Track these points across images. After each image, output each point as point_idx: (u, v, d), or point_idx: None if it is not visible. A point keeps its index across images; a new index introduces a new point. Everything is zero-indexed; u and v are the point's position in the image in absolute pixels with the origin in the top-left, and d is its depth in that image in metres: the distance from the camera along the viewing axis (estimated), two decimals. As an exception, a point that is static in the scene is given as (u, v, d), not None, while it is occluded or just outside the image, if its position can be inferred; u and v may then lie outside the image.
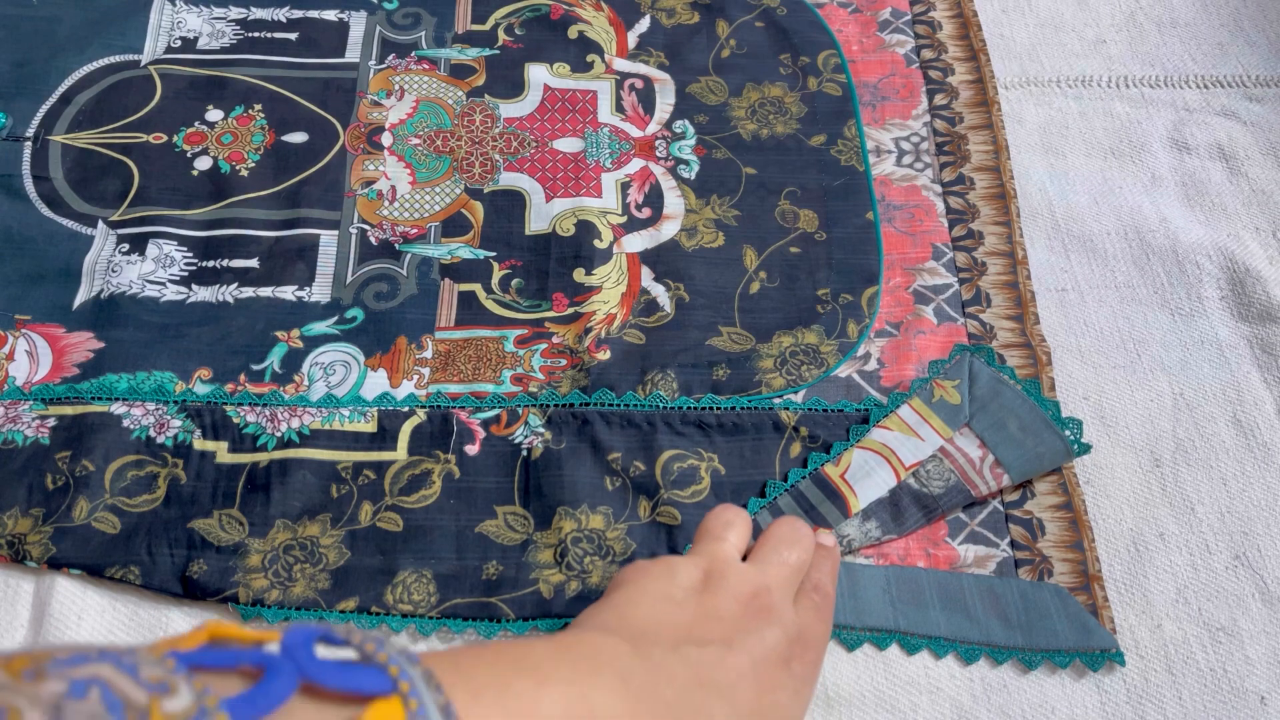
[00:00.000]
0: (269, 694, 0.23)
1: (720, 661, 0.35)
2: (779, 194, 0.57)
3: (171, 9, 0.63)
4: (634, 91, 0.61)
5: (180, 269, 0.54)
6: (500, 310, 0.53)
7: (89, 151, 0.57)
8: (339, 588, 0.45)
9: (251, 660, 0.24)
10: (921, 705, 0.43)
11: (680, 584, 0.37)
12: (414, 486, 0.47)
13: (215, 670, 0.23)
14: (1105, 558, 0.46)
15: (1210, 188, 0.58)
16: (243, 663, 0.24)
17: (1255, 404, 0.51)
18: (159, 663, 0.22)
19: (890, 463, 0.47)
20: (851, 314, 0.53)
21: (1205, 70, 0.63)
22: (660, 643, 0.34)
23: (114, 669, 0.20)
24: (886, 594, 0.45)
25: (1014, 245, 0.55)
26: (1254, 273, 0.54)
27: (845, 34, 0.64)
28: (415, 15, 0.64)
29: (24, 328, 0.51)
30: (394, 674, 0.25)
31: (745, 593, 0.37)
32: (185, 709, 0.21)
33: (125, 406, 0.49)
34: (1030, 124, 0.61)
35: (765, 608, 0.37)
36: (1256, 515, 0.48)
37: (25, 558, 0.45)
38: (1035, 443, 0.47)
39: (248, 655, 0.24)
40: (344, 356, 0.51)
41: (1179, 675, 0.44)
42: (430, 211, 0.56)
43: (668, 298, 0.54)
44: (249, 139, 0.58)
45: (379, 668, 0.25)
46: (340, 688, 0.24)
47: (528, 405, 0.50)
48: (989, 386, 0.49)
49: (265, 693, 0.23)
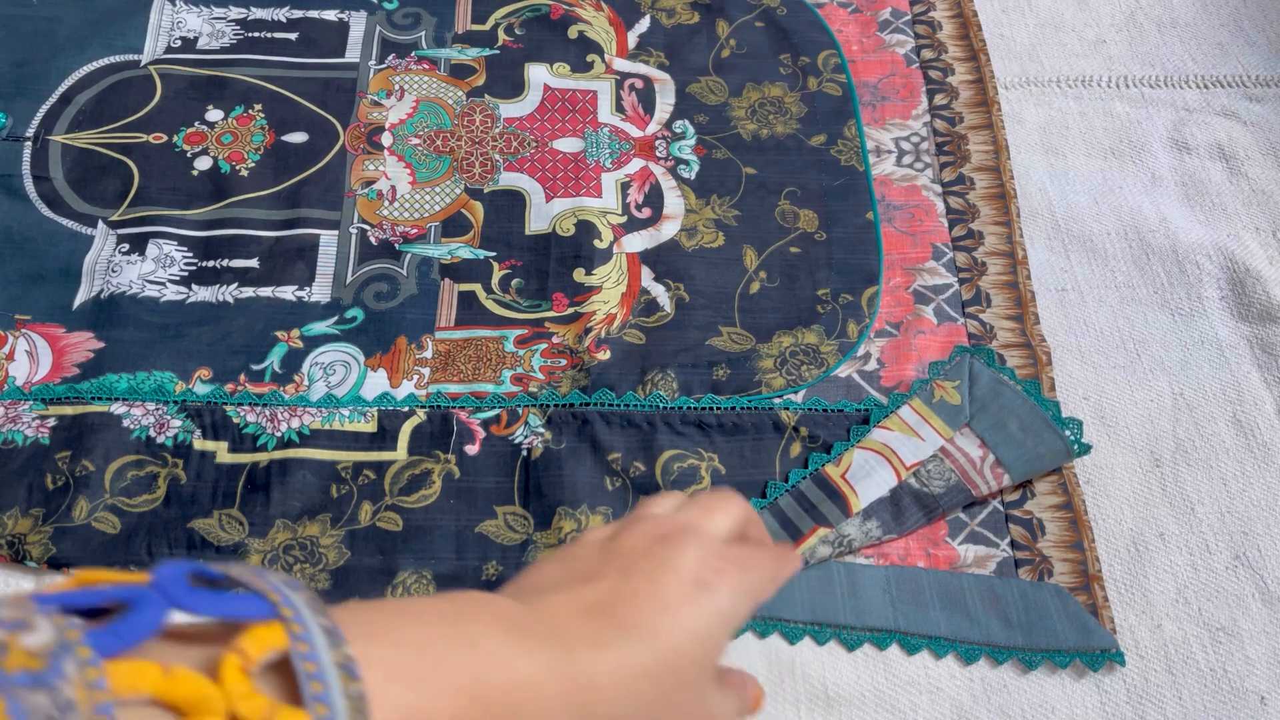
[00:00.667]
0: (136, 625, 0.22)
1: (614, 590, 0.33)
2: (779, 194, 0.57)
3: (171, 9, 0.63)
4: (634, 91, 0.61)
5: (180, 269, 0.54)
6: (500, 310, 0.53)
7: (89, 151, 0.57)
8: (339, 588, 0.45)
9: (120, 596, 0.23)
10: (921, 705, 0.43)
11: (586, 540, 0.36)
12: (414, 486, 0.47)
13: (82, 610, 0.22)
14: (1105, 558, 0.46)
15: (1210, 188, 0.58)
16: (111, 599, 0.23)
17: (1255, 404, 0.51)
18: (18, 604, 0.21)
19: (891, 463, 0.47)
20: (851, 314, 0.53)
21: (1205, 70, 0.63)
22: (545, 589, 0.33)
23: None
24: (887, 594, 0.45)
25: (1014, 245, 0.55)
26: (1254, 273, 0.54)
27: (845, 34, 0.64)
28: (415, 15, 0.64)
29: (24, 328, 0.51)
30: (274, 599, 0.24)
31: (656, 530, 0.35)
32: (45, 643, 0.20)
33: (125, 406, 0.49)
34: (1030, 124, 0.61)
35: (679, 533, 0.35)
36: (1256, 515, 0.48)
37: (25, 558, 0.45)
38: (1035, 443, 0.47)
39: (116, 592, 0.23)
40: (344, 356, 0.51)
41: (1179, 675, 0.44)
42: (430, 211, 0.56)
43: (668, 298, 0.54)
44: (249, 139, 0.58)
45: (258, 594, 0.24)
46: (215, 615, 0.23)
47: (528, 405, 0.50)
48: (989, 387, 0.48)
49: (132, 623, 0.22)
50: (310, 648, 0.23)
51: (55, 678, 0.20)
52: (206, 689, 0.22)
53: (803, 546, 0.45)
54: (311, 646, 0.23)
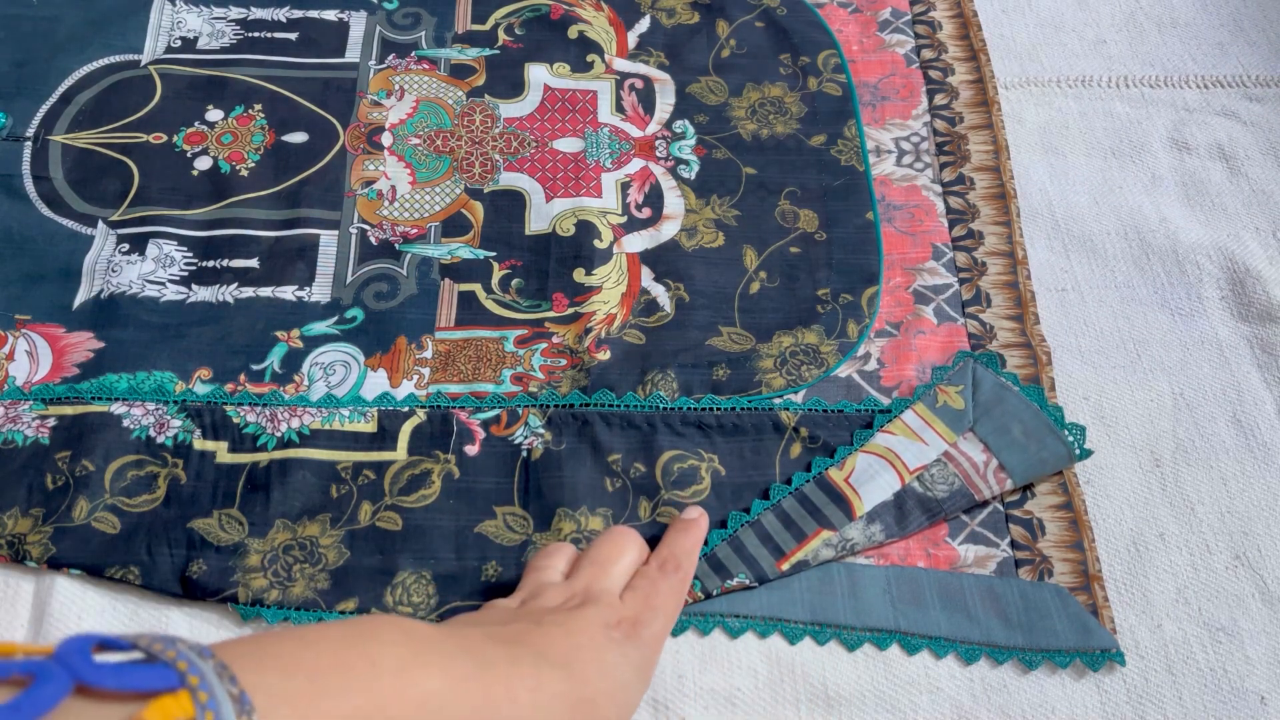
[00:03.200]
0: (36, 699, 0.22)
1: (527, 629, 0.35)
2: (779, 194, 0.57)
3: (171, 9, 0.63)
4: (634, 91, 0.61)
5: (180, 269, 0.54)
6: (500, 310, 0.53)
7: (89, 151, 0.57)
8: (338, 588, 0.45)
9: (22, 670, 0.23)
10: (921, 705, 0.43)
11: (498, 604, 0.39)
12: (413, 486, 0.47)
13: None
14: (1105, 558, 0.46)
15: (1210, 188, 0.58)
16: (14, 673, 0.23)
17: (1255, 404, 0.51)
18: None
19: (894, 466, 0.47)
20: (851, 314, 0.53)
21: (1205, 70, 0.63)
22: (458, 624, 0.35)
23: None
24: (887, 594, 0.45)
25: (1014, 245, 0.55)
26: (1254, 273, 0.54)
27: (845, 34, 0.64)
28: (415, 15, 0.64)
29: (24, 328, 0.51)
30: (182, 669, 0.24)
31: (562, 596, 0.38)
32: None
33: (125, 406, 0.49)
34: (1030, 124, 0.61)
35: (582, 598, 0.38)
36: (1256, 515, 0.48)
37: (25, 558, 0.45)
38: (1038, 447, 0.47)
39: (19, 666, 0.23)
40: (344, 356, 0.51)
41: (1179, 675, 0.44)
42: (430, 211, 0.56)
43: (668, 298, 0.54)
44: (249, 139, 0.58)
45: (166, 664, 0.25)
46: (120, 687, 0.23)
47: (528, 405, 0.50)
48: (992, 392, 0.48)
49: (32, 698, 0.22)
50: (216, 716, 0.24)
51: None
52: None
53: (806, 548, 0.45)
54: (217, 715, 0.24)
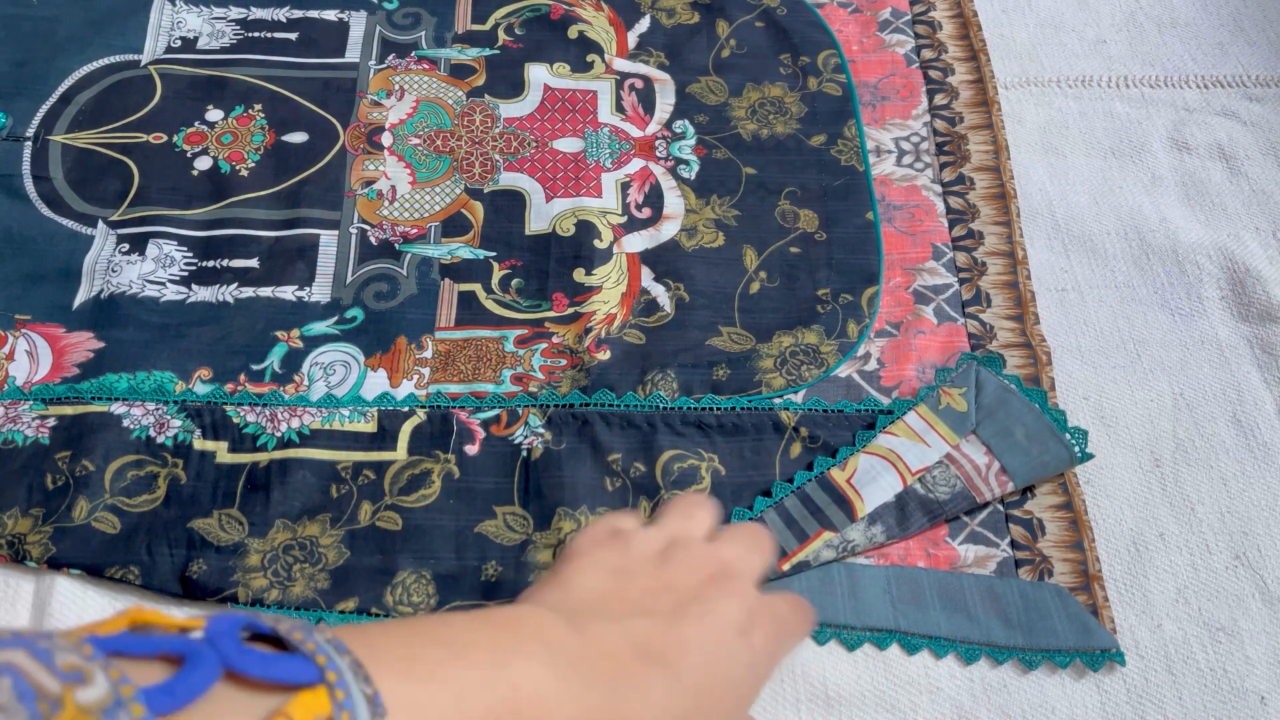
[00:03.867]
0: (189, 683, 0.22)
1: (666, 632, 0.33)
2: (779, 194, 0.57)
3: (171, 9, 0.63)
4: (634, 91, 0.61)
5: (180, 269, 0.54)
6: (500, 310, 0.53)
7: (89, 151, 0.57)
8: (338, 588, 0.45)
9: (174, 648, 0.23)
10: (921, 705, 0.43)
11: (635, 555, 0.36)
12: (414, 486, 0.47)
13: (135, 657, 0.23)
14: (1105, 558, 0.46)
15: (1210, 188, 0.58)
16: (164, 650, 0.23)
17: (1255, 404, 0.51)
18: (75, 649, 0.21)
19: (896, 468, 0.47)
20: (851, 314, 0.53)
21: (1205, 70, 0.63)
22: (600, 615, 0.33)
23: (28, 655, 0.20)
24: (887, 594, 0.45)
25: (1014, 245, 0.55)
26: (1254, 273, 0.54)
27: (845, 34, 0.64)
28: (415, 15, 0.64)
29: (24, 328, 0.51)
30: (321, 663, 0.24)
31: (706, 566, 0.36)
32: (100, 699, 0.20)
33: (125, 406, 0.49)
34: (1030, 124, 0.61)
35: (726, 577, 0.36)
36: (1256, 515, 0.48)
37: (25, 558, 0.45)
38: (1040, 451, 0.46)
39: (170, 643, 0.23)
40: (344, 356, 0.51)
41: (1179, 675, 0.44)
42: (430, 211, 0.56)
43: (668, 298, 0.54)
44: (249, 139, 0.58)
45: (305, 656, 0.25)
46: (265, 677, 0.24)
47: (528, 405, 0.50)
48: (996, 395, 0.48)
49: (185, 682, 0.22)
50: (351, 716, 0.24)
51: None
52: None
53: (807, 549, 0.45)
54: (354, 715, 0.24)
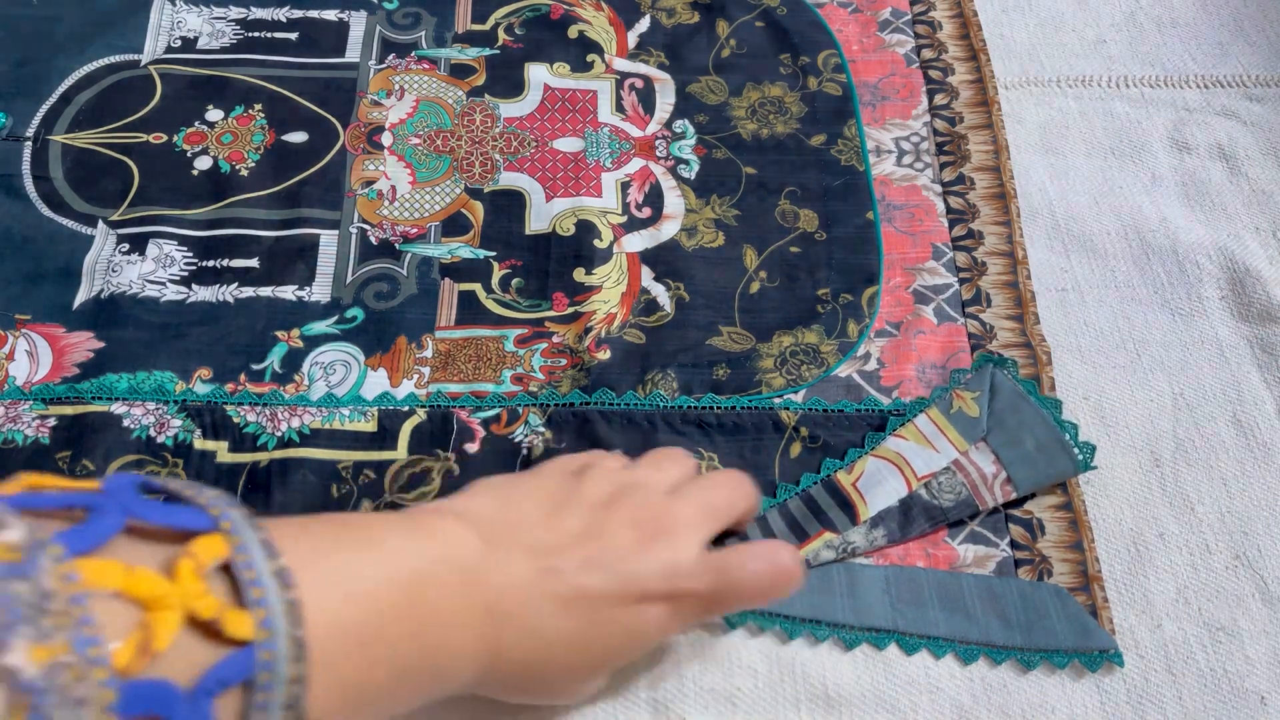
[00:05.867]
0: (99, 528, 0.25)
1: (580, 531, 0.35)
2: (779, 194, 0.57)
3: (171, 9, 0.63)
4: (634, 91, 0.61)
5: (180, 269, 0.54)
6: (500, 310, 0.53)
7: (89, 151, 0.57)
8: (339, 587, 0.45)
9: (76, 502, 0.25)
10: (921, 705, 0.43)
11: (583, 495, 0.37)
12: (414, 484, 0.47)
13: (39, 511, 0.25)
14: (1105, 558, 0.46)
15: (1210, 188, 0.58)
16: (67, 504, 0.25)
17: (1255, 404, 0.51)
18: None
19: (903, 472, 0.47)
20: (851, 314, 0.53)
21: (1205, 70, 0.63)
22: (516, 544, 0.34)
23: None
24: (886, 594, 0.45)
25: (1014, 245, 0.55)
26: (1254, 273, 0.54)
27: (845, 34, 0.64)
28: (415, 15, 0.64)
29: (24, 328, 0.52)
30: (214, 514, 0.27)
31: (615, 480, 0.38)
32: (20, 539, 0.22)
33: (125, 406, 0.49)
34: (1030, 124, 0.61)
35: (634, 486, 0.37)
36: (1256, 515, 0.48)
37: (25, 557, 0.45)
38: (1048, 464, 0.46)
39: (72, 498, 0.26)
40: (344, 356, 0.51)
41: (1179, 675, 0.44)
42: (430, 211, 0.56)
43: (668, 297, 0.54)
44: (249, 139, 0.58)
45: (199, 508, 0.27)
46: (165, 524, 0.26)
47: (528, 405, 0.50)
48: (1009, 401, 0.48)
49: (95, 526, 0.25)
50: (249, 557, 0.26)
51: (33, 570, 0.22)
52: (164, 587, 0.25)
53: (807, 549, 0.45)
54: (250, 557, 0.26)
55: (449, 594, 0.32)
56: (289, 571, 0.27)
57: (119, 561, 0.24)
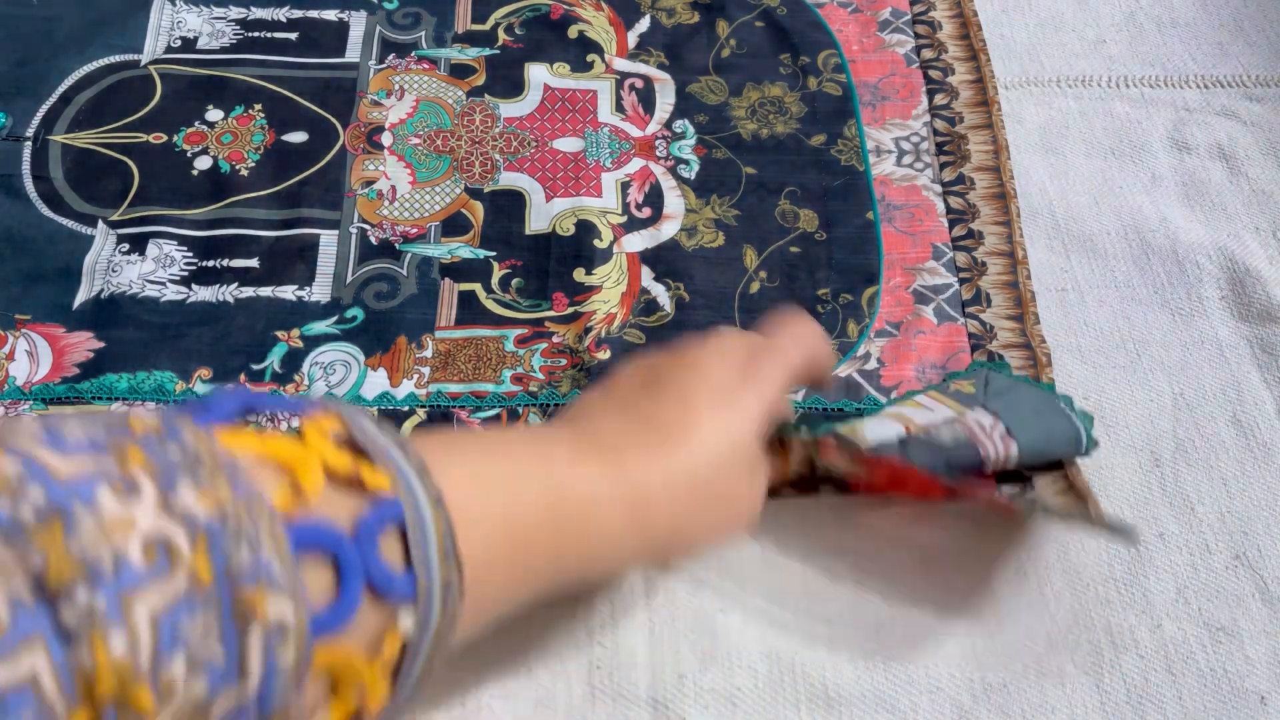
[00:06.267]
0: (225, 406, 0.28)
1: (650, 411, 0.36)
2: (779, 194, 0.57)
3: (171, 9, 0.63)
4: (634, 91, 0.61)
5: (180, 269, 0.54)
6: (500, 310, 0.53)
7: (89, 151, 0.57)
8: (339, 587, 0.45)
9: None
10: (921, 705, 0.43)
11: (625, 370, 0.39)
12: (414, 486, 0.47)
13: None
14: (1105, 557, 0.46)
15: (1210, 188, 0.58)
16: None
17: (1255, 404, 0.51)
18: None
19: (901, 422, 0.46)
20: (851, 314, 0.53)
21: (1205, 70, 0.63)
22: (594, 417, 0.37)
23: None
24: None
25: (1014, 245, 0.55)
26: (1254, 273, 0.54)
27: (845, 34, 0.64)
28: (415, 15, 0.64)
29: (24, 328, 0.52)
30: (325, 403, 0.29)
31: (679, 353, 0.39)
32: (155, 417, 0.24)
33: (125, 406, 0.49)
34: (1030, 124, 0.61)
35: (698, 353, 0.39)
36: (1256, 515, 0.48)
37: (25, 557, 0.45)
38: (1046, 424, 0.46)
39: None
40: (344, 356, 0.51)
41: (1179, 675, 0.44)
42: (430, 211, 0.56)
43: (668, 297, 0.54)
44: (249, 139, 0.58)
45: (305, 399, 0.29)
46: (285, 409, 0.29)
47: (528, 405, 0.50)
48: (1004, 383, 0.48)
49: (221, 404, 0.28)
50: (365, 433, 0.28)
51: (176, 437, 0.23)
52: (297, 449, 0.26)
53: None
54: (366, 432, 0.28)
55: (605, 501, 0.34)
56: (408, 440, 0.28)
57: (250, 430, 0.26)
